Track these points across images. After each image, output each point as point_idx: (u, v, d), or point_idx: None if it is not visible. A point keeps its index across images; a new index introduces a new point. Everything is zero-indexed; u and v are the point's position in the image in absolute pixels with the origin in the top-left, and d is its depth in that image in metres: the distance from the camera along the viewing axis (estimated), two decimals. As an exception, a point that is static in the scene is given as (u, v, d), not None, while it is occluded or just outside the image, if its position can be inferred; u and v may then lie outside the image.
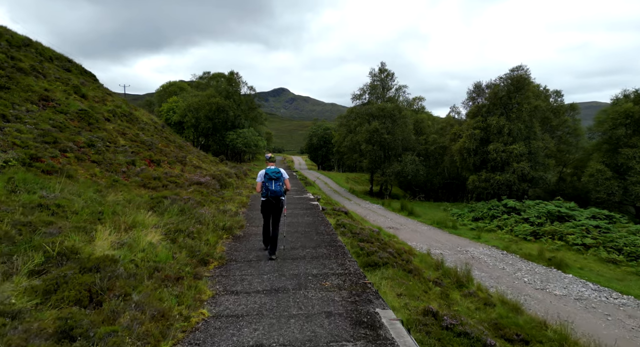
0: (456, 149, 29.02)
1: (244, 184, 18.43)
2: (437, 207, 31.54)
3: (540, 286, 11.26)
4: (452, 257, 14.64)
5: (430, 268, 12.58)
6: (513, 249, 15.49)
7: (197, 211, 9.06)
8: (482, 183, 26.79)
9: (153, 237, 6.67)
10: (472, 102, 31.16)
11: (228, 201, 12.37)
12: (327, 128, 69.04)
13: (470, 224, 21.59)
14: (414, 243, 16.85)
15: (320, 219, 10.48)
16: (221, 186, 14.90)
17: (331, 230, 8.91)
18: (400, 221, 23.21)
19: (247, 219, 9.96)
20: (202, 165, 19.58)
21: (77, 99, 16.81)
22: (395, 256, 10.57)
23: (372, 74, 36.87)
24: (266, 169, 6.38)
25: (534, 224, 18.76)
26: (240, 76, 38.50)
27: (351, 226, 12.99)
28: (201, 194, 12.41)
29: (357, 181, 53.83)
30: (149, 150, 16.22)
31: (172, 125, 39.21)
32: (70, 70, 21.60)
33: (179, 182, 13.44)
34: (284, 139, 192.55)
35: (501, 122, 27.03)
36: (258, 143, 35.86)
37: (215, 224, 8.05)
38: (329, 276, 5.49)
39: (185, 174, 15.73)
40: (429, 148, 36.32)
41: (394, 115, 34.14)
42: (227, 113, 34.71)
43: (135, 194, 10.37)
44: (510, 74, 28.06)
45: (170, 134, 25.44)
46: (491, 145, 27.10)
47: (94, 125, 14.68)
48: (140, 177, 12.14)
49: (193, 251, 6.10)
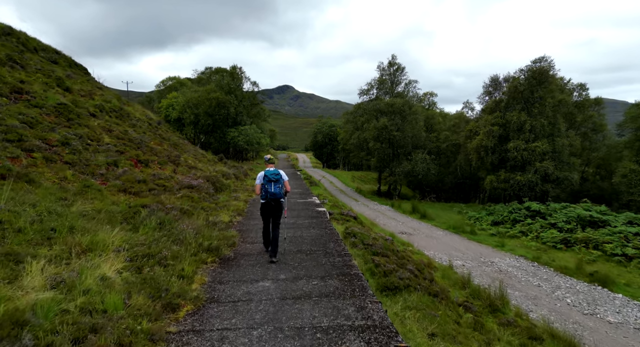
0: (472, 147, 27.08)
1: (243, 186, 16.83)
2: (449, 208, 29.78)
3: (588, 309, 9.54)
4: (476, 270, 12.96)
5: (455, 286, 10.92)
6: (544, 260, 13.75)
7: (179, 225, 7.46)
8: (501, 184, 24.86)
9: (111, 266, 5.08)
10: (488, 96, 29.16)
11: (222, 207, 10.78)
12: (332, 125, 67.30)
13: (490, 228, 19.84)
14: (431, 252, 15.18)
15: (328, 232, 8.83)
16: (216, 190, 13.31)
17: (343, 249, 7.27)
18: (413, 224, 21.52)
19: (242, 232, 8.35)
20: (198, 165, 18.00)
21: (59, 92, 15.28)
22: (417, 275, 8.93)
23: (380, 67, 35.04)
24: (265, 171, 6.26)
25: (562, 230, 16.98)
26: (243, 71, 36.87)
27: (362, 236, 11.36)
28: (191, 200, 10.81)
29: (363, 179, 52.12)
30: (137, 149, 14.67)
31: (172, 122, 37.68)
32: (57, 62, 20.08)
33: (168, 186, 11.86)
34: (288, 136, 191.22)
35: (522, 117, 25.03)
36: (261, 141, 34.15)
37: (199, 243, 6.44)
38: (346, 332, 3.86)
39: (177, 176, 14.16)
40: (441, 146, 34.41)
41: (403, 112, 32.32)
42: (228, 109, 32.98)
43: (111, 202, 8.80)
44: (532, 65, 25.92)
45: (166, 132, 23.90)
46: (511, 143, 25.14)
47: (74, 121, 13.13)
48: (122, 180, 10.56)
49: (159, 288, 4.49)
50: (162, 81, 46.97)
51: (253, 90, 38.22)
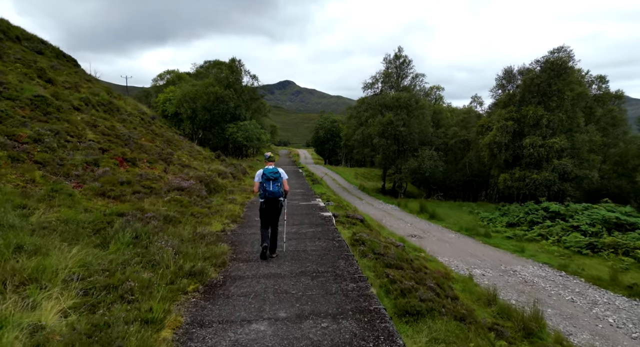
0: (485, 143, 25.62)
1: (240, 186, 15.56)
2: (458, 207, 28.48)
3: (636, 331, 8.29)
4: (498, 280, 11.71)
5: (479, 302, 9.65)
6: (572, 268, 12.47)
7: (159, 239, 6.21)
8: (515, 182, 23.47)
9: (55, 306, 3.83)
10: (501, 90, 27.71)
11: (215, 213, 9.51)
12: (334, 121, 65.77)
13: (505, 231, 18.55)
14: (445, 259, 13.93)
15: (337, 244, 7.57)
16: (210, 191, 12.04)
17: (356, 270, 6.00)
18: (422, 226, 20.26)
19: (235, 245, 7.09)
20: (193, 164, 16.74)
21: (39, 84, 14.01)
22: (438, 292, 7.69)
23: (386, 60, 33.50)
24: (264, 169, 6.08)
25: (586, 233, 15.69)
26: (243, 64, 35.35)
27: (372, 243, 10.10)
28: (180, 204, 9.56)
29: (366, 176, 50.82)
30: (124, 146, 13.42)
31: (169, 117, 36.32)
32: (43, 53, 18.77)
33: (156, 188, 10.61)
34: (289, 132, 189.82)
35: (539, 112, 23.54)
36: (261, 137, 32.73)
37: (179, 265, 5.19)
38: None
39: (168, 176, 12.91)
40: (449, 142, 32.98)
41: (410, 106, 30.88)
42: (227, 103, 31.57)
43: (83, 209, 7.55)
44: (550, 56, 24.40)
45: (160, 127, 22.62)
46: (527, 139, 23.65)
47: (52, 116, 11.87)
48: (101, 182, 9.31)
49: (111, 343, 3.24)
50: (159, 75, 45.48)
51: (253, 84, 36.76)
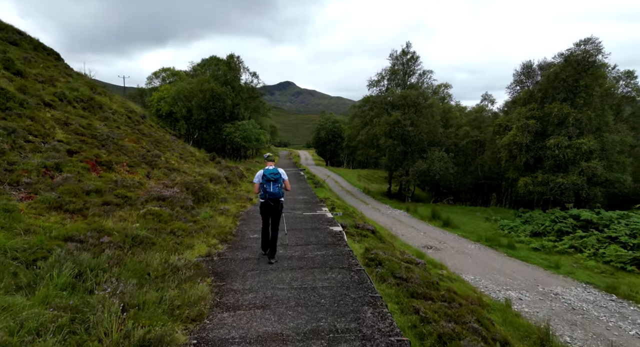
0: (503, 144, 23.71)
1: (236, 193, 13.76)
2: (471, 213, 26.65)
3: None
4: (538, 306, 9.90)
5: (527, 340, 7.85)
6: (624, 291, 10.65)
7: (108, 279, 4.42)
8: (538, 187, 21.58)
9: None
10: (519, 86, 25.92)
11: (200, 230, 7.70)
12: (336, 121, 64.03)
13: (530, 241, 16.73)
14: (471, 277, 12.12)
15: (356, 278, 5.72)
16: (198, 200, 10.24)
17: (392, 327, 4.16)
18: (437, 235, 18.45)
19: (222, 279, 5.27)
20: (183, 167, 14.93)
21: (5, 76, 12.24)
22: (484, 335, 5.94)
23: (392, 56, 31.68)
24: (264, 170, 5.93)
25: (627, 246, 13.88)
26: (241, 60, 33.47)
27: (390, 264, 8.31)
28: (157, 219, 7.76)
29: (370, 178, 49.04)
30: (101, 147, 11.62)
31: (164, 117, 34.52)
32: (18, 44, 16.97)
33: (131, 197, 8.81)
34: (290, 132, 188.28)
35: (564, 109, 21.58)
36: (260, 137, 30.83)
37: (125, 331, 3.37)
38: None
39: (150, 182, 11.11)
40: (459, 143, 31.14)
41: (418, 104, 29.06)
42: (224, 102, 29.71)
43: (24, 229, 5.75)
44: (576, 49, 22.61)
45: (150, 127, 20.83)
46: (551, 139, 21.68)
47: (12, 112, 10.09)
48: (59, 191, 7.52)
49: None
50: (154, 73, 43.53)
51: (252, 82, 34.90)
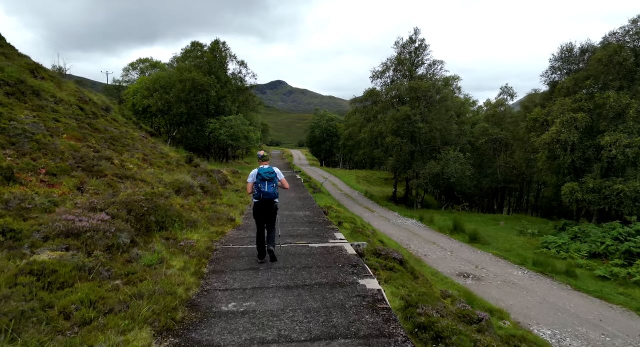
0: (542, 142, 20.03)
1: (214, 208, 9.87)
2: (493, 222, 23.18)
3: None
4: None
5: None
6: None
7: None
8: (588, 195, 17.96)
9: None
10: (556, 74, 22.55)
11: (123, 308, 3.81)
12: (331, 119, 60.28)
13: (590, 265, 13.24)
14: (543, 330, 8.46)
15: None
16: (145, 230, 6.38)
17: None
18: (467, 255, 14.86)
19: None
20: (143, 173, 11.03)
21: None
22: None
23: (398, 44, 28.02)
24: (259, 169, 5.70)
25: None
26: (228, 47, 29.33)
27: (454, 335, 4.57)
28: (45, 282, 3.91)
29: (369, 180, 45.44)
30: (9, 147, 7.77)
31: (140, 112, 30.41)
32: None
33: (21, 232, 4.97)
34: (282, 132, 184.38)
35: (623, 100, 17.99)
36: (249, 135, 26.87)
37: None
38: None
39: (77, 199, 7.24)
40: (475, 142, 27.67)
41: (430, 98, 25.55)
42: (207, 94, 25.65)
43: None
44: (635, 27, 19.42)
45: (112, 122, 16.84)
46: (607, 136, 18.04)
47: None
48: None
49: None
50: (130, 64, 39.01)
51: (240, 72, 30.81)
